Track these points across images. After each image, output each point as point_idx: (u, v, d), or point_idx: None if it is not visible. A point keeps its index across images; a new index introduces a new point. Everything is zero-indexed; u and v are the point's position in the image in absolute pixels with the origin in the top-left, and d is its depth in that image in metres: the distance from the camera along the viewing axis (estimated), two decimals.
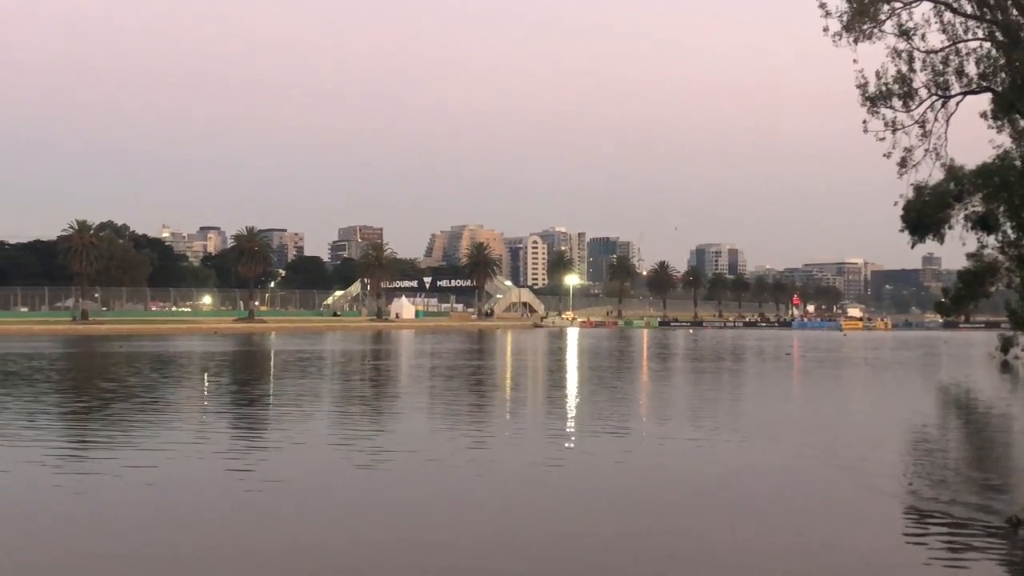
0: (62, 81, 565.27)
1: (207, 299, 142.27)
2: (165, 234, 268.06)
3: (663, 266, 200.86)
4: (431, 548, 10.52)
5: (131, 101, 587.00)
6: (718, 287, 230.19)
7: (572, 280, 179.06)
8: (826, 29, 23.49)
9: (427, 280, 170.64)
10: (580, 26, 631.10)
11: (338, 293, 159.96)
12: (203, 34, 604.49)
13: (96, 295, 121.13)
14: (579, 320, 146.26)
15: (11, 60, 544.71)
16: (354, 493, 13.73)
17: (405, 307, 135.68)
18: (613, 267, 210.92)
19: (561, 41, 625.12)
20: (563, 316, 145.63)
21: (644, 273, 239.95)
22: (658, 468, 15.81)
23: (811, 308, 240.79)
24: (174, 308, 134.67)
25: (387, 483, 14.44)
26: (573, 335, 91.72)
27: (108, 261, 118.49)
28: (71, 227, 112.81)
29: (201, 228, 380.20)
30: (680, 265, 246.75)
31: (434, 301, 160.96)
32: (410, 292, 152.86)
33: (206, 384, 33.07)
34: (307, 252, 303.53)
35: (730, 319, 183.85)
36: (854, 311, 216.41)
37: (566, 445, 18.47)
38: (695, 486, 14.14)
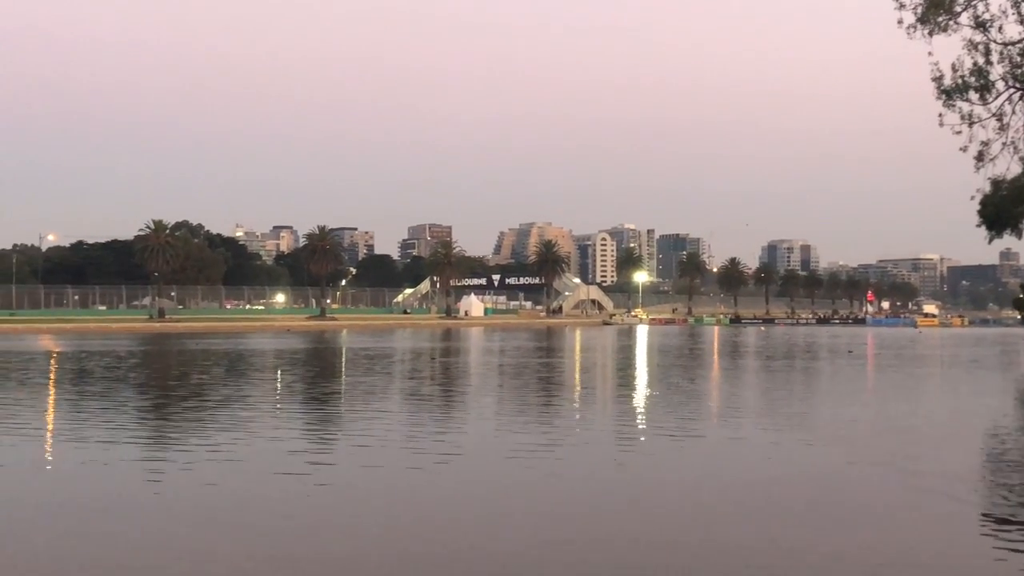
0: (138, 84, 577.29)
1: (280, 297, 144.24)
2: (239, 233, 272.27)
3: (734, 262, 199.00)
4: (498, 552, 10.56)
5: (205, 103, 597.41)
6: (790, 284, 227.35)
7: (641, 277, 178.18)
8: (900, 22, 23.14)
9: (495, 278, 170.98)
10: (645, 30, 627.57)
11: (408, 291, 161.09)
12: (277, 37, 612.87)
13: (172, 293, 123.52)
14: (648, 317, 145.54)
15: (87, 62, 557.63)
16: (420, 492, 13.85)
17: (474, 304, 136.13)
18: (683, 264, 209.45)
19: (628, 44, 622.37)
20: (632, 313, 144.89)
21: (714, 270, 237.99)
22: (727, 472, 15.52)
23: (885, 304, 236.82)
24: (248, 306, 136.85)
25: (451, 484, 14.54)
26: (642, 332, 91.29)
27: (184, 260, 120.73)
28: (148, 227, 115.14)
29: (274, 227, 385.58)
30: (751, 262, 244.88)
31: (502, 298, 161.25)
32: (479, 290, 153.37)
33: (284, 381, 33.56)
34: (377, 250, 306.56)
35: (802, 316, 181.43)
36: (929, 307, 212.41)
37: (633, 445, 18.37)
38: (770, 491, 13.70)
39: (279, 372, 37.96)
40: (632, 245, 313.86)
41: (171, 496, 13.28)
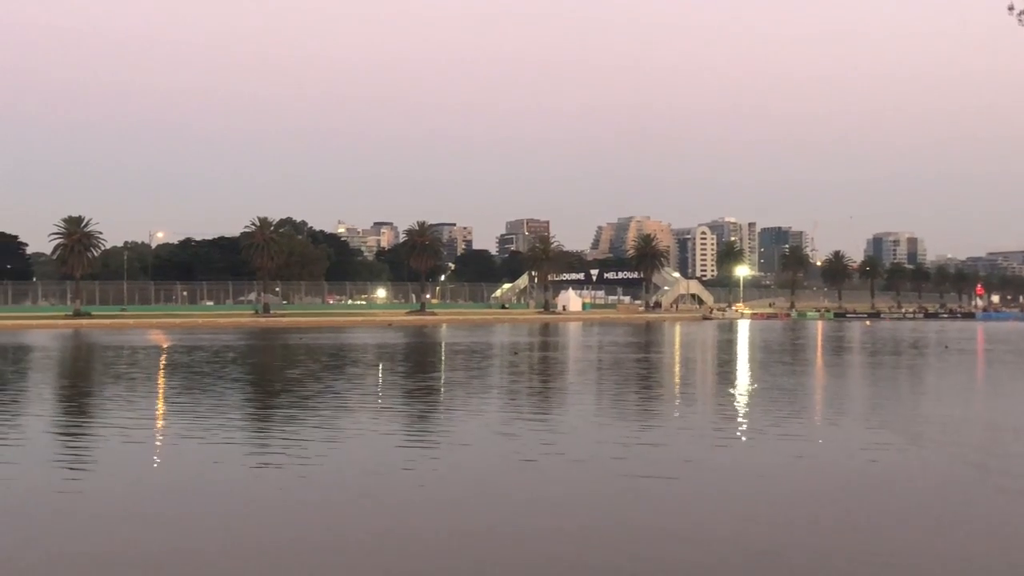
0: (245, 86, 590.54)
1: (381, 292, 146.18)
2: (341, 230, 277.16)
3: (838, 256, 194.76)
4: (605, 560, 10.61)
5: (309, 104, 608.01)
6: (896, 277, 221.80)
7: (742, 271, 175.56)
8: (1011, 8, 22.38)
9: (594, 272, 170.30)
10: (740, 22, 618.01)
11: (506, 286, 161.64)
12: (380, 37, 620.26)
13: (277, 289, 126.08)
14: (749, 312, 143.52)
15: (194, 67, 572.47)
16: (519, 487, 13.98)
17: (572, 299, 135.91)
18: (785, 257, 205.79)
19: (728, 34, 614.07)
20: (733, 308, 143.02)
21: (818, 263, 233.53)
22: (829, 475, 15.21)
23: (995, 298, 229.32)
24: (349, 301, 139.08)
25: (545, 479, 14.64)
26: (743, 327, 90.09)
27: (288, 256, 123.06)
28: (253, 224, 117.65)
29: (375, 223, 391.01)
30: (855, 255, 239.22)
31: (601, 293, 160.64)
32: (577, 284, 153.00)
33: (393, 374, 34.08)
34: (476, 246, 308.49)
35: (909, 310, 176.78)
36: None
37: (732, 443, 18.14)
38: (881, 498, 13.33)
39: (381, 366, 38.52)
40: (733, 239, 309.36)
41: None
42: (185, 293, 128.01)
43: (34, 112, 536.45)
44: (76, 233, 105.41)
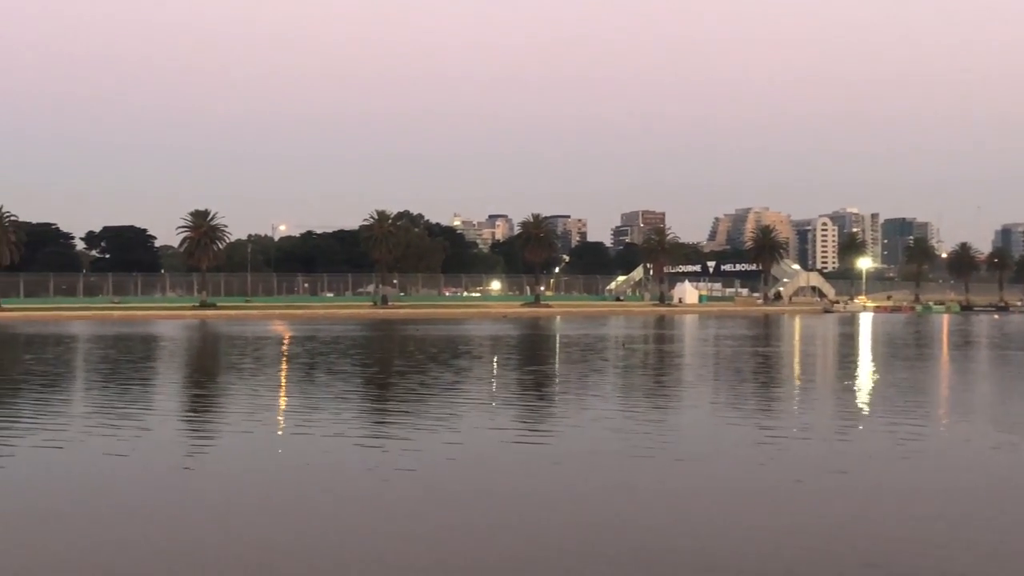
0: (362, 86, 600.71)
1: (496, 284, 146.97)
2: (456, 222, 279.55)
3: (964, 247, 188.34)
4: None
5: (426, 99, 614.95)
6: None
7: (864, 263, 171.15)
8: None
9: (711, 264, 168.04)
10: (855, 12, 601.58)
11: (621, 278, 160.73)
12: (472, 34, 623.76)
13: (394, 281, 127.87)
14: (872, 305, 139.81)
15: (311, 60, 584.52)
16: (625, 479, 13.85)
17: (688, 292, 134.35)
18: (909, 249, 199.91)
19: (847, 27, 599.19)
20: (855, 300, 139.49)
21: (943, 255, 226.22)
22: (952, 478, 14.73)
23: None
24: (465, 293, 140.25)
25: (656, 473, 14.47)
26: (866, 320, 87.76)
27: (405, 249, 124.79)
28: (372, 217, 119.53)
29: (490, 216, 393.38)
30: (983, 246, 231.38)
31: (717, 286, 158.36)
32: (693, 277, 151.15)
33: (514, 366, 34.27)
34: (590, 238, 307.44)
35: None
36: None
37: (852, 444, 17.47)
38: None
39: (494, 359, 38.73)
40: (855, 230, 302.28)
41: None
42: (306, 284, 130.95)
43: (161, 109, 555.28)
44: (202, 226, 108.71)
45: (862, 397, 25.09)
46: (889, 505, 12.14)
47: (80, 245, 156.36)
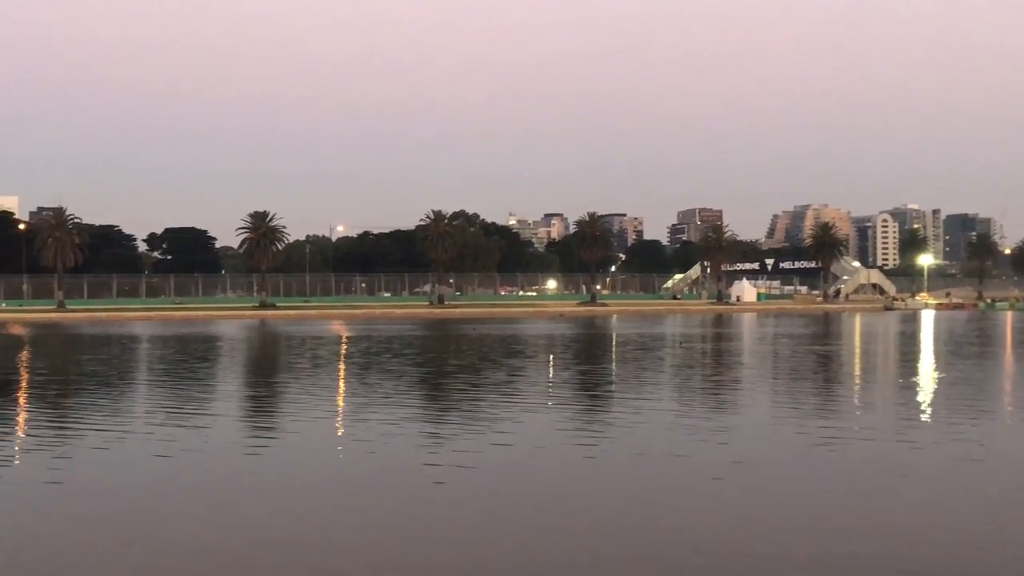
0: (416, 83, 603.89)
1: (551, 283, 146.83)
2: (512, 221, 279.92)
3: None
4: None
5: (478, 101, 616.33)
6: None
7: (926, 259, 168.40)
8: None
9: (769, 262, 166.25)
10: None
11: (677, 276, 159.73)
12: (543, 32, 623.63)
13: (450, 280, 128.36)
14: (935, 302, 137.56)
15: (373, 69, 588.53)
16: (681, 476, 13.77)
17: (746, 290, 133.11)
18: (972, 245, 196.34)
19: (903, 17, 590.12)
20: (916, 298, 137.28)
21: (1007, 251, 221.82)
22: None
23: None
24: (521, 292, 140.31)
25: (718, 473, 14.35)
26: (927, 318, 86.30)
27: (461, 248, 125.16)
28: (427, 217, 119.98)
29: (545, 215, 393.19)
30: None
31: (776, 283, 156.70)
32: (751, 274, 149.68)
33: (570, 365, 34.25)
34: (646, 236, 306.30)
35: None
36: None
37: (917, 446, 17.05)
38: None
39: (549, 357, 38.72)
40: (916, 226, 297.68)
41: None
42: (364, 284, 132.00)
43: (219, 111, 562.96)
44: (261, 228, 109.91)
45: (919, 399, 24.68)
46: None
47: (142, 247, 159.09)
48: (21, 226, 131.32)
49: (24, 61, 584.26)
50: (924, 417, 20.37)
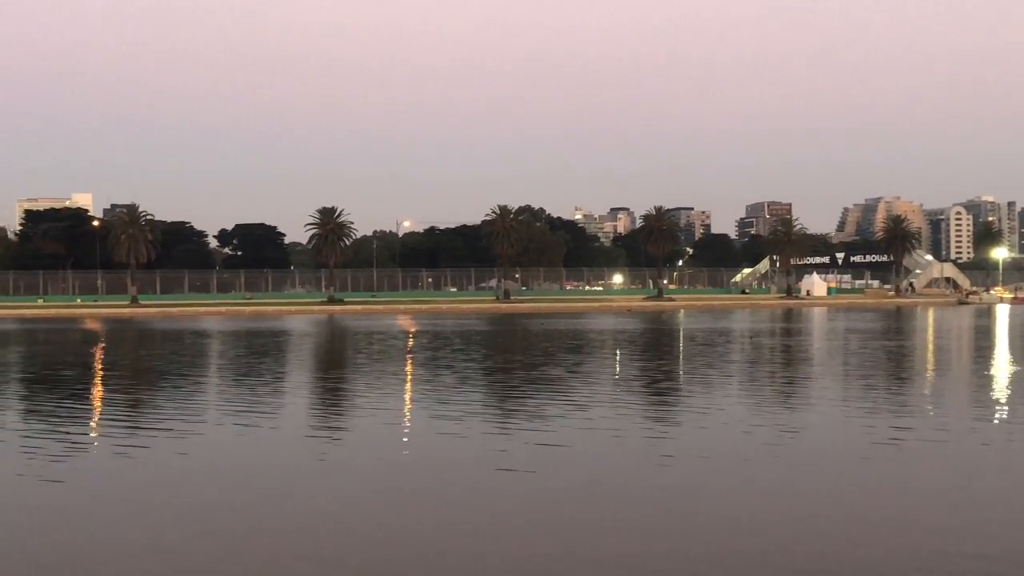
0: (483, 84, 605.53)
1: (618, 278, 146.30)
2: (578, 216, 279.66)
3: None
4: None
5: (543, 100, 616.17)
6: None
7: (1000, 253, 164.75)
8: None
9: (839, 256, 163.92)
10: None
11: (746, 270, 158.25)
12: (606, 32, 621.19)
13: (516, 275, 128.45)
14: (1009, 296, 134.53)
15: (430, 67, 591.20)
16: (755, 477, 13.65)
17: (816, 284, 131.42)
18: None
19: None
20: (991, 292, 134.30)
21: None
22: None
23: None
24: (587, 287, 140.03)
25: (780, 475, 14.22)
26: (1003, 313, 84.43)
27: (527, 243, 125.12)
28: (493, 212, 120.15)
29: (611, 209, 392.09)
30: None
31: (847, 277, 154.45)
32: (821, 268, 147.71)
33: (639, 360, 34.15)
34: (714, 230, 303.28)
35: None
36: None
37: (992, 446, 16.70)
38: None
39: (617, 352, 38.61)
40: (991, 219, 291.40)
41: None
42: (430, 279, 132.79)
43: (291, 109, 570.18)
44: (329, 223, 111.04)
45: (994, 397, 24.15)
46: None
47: (213, 243, 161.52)
48: (95, 223, 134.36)
49: (100, 63, 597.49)
50: (986, 419, 19.96)
